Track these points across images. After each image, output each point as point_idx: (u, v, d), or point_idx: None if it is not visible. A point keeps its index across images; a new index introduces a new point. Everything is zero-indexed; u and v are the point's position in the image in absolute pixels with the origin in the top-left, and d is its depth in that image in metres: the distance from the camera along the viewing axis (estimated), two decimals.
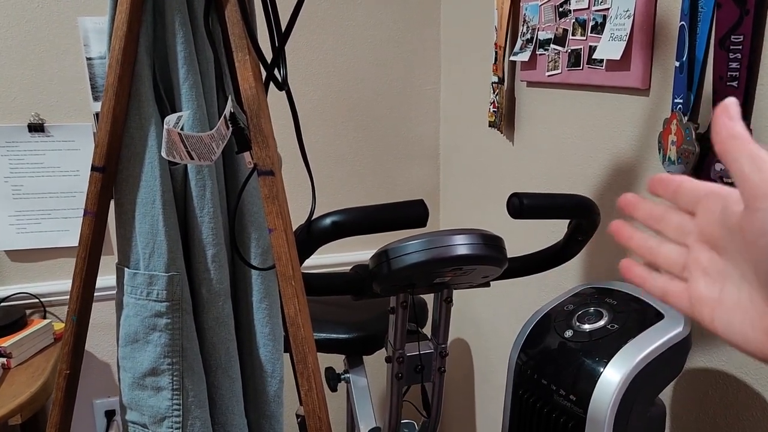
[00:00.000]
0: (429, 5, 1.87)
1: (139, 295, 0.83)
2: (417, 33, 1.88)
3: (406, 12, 1.85)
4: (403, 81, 1.89)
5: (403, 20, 1.85)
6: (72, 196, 1.70)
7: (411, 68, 1.89)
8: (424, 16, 1.87)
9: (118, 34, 0.76)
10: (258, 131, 0.72)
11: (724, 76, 0.86)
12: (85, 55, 1.65)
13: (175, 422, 0.85)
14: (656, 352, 0.76)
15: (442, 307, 1.12)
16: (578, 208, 0.95)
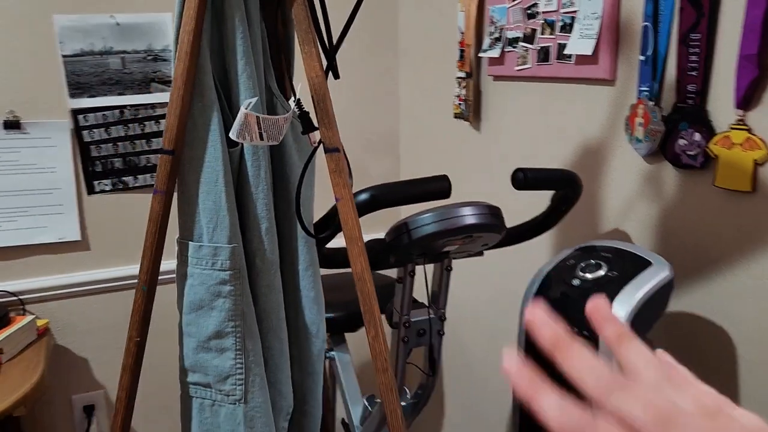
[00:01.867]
0: (386, 10, 2.00)
1: (204, 265, 0.91)
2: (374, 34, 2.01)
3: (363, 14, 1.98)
4: (361, 79, 2.02)
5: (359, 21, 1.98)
6: (48, 193, 1.71)
7: (368, 66, 2.02)
8: (380, 19, 2.01)
9: (186, 29, 0.85)
10: (324, 114, 0.83)
11: (686, 67, 1.05)
12: (60, 52, 1.66)
13: (238, 379, 0.94)
14: (650, 291, 0.94)
15: (443, 276, 1.26)
16: (567, 180, 1.11)
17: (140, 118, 1.76)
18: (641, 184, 1.18)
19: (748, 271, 1.00)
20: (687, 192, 1.09)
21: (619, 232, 1.24)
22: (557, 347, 0.34)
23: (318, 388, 1.06)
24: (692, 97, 1.05)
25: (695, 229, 1.08)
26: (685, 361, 1.11)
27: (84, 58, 1.68)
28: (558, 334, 0.34)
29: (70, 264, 1.77)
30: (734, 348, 1.03)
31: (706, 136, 1.03)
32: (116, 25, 1.70)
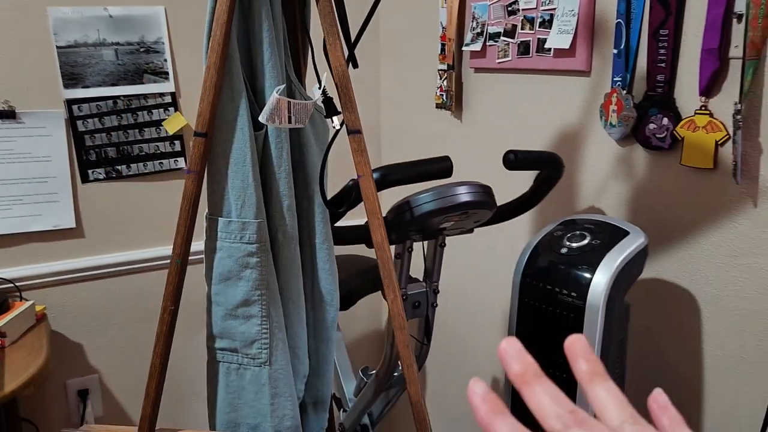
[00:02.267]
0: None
1: (233, 239, 1.00)
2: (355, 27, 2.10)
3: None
4: None
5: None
6: (43, 182, 1.75)
7: None
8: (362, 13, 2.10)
9: (219, 22, 0.93)
10: (347, 99, 0.93)
11: (655, 59, 1.18)
12: (55, 43, 1.70)
13: (263, 344, 1.03)
14: (629, 256, 1.07)
15: (437, 252, 1.37)
16: (552, 161, 1.24)
17: (133, 108, 1.81)
18: (615, 165, 1.31)
19: (710, 238, 1.14)
20: (656, 171, 1.23)
21: (596, 209, 1.37)
22: (524, 381, 0.34)
23: (331, 353, 1.16)
24: (661, 86, 1.18)
25: (664, 203, 1.22)
26: (656, 321, 1.26)
27: (78, 50, 1.73)
28: (527, 369, 0.34)
29: (64, 251, 1.81)
30: (698, 307, 1.17)
31: (674, 121, 1.17)
32: (109, 17, 1.75)
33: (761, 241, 1.06)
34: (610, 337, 1.06)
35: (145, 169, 1.86)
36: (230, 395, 1.05)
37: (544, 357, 1.13)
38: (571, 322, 1.06)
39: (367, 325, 2.40)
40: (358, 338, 2.39)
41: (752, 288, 1.08)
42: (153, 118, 1.84)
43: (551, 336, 1.10)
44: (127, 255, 1.88)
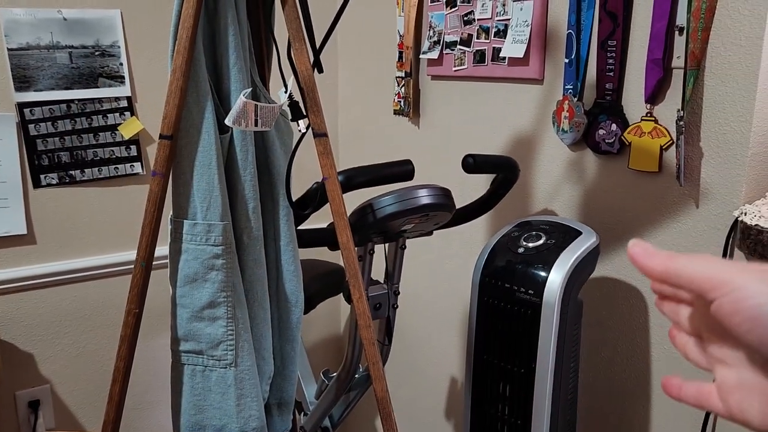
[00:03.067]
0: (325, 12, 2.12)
1: (199, 241, 1.00)
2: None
3: None
4: None
5: None
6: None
7: None
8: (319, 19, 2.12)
9: (185, 25, 0.94)
10: (313, 103, 0.95)
11: (604, 68, 1.25)
12: (6, 45, 1.66)
13: (229, 345, 1.03)
14: (582, 255, 1.12)
15: (397, 254, 1.40)
16: (509, 165, 1.28)
17: (87, 112, 1.78)
18: (567, 169, 1.37)
19: (656, 237, 1.21)
20: (606, 174, 1.29)
21: (549, 211, 1.43)
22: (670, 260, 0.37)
23: (295, 354, 1.17)
24: (610, 94, 1.25)
25: (613, 204, 1.28)
26: (607, 316, 1.32)
27: (30, 52, 1.69)
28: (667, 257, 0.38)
29: (15, 258, 1.76)
30: (646, 303, 1.24)
31: (621, 127, 1.23)
32: (63, 20, 1.72)
33: (703, 241, 1.13)
34: (565, 332, 1.11)
35: (99, 174, 1.83)
36: (195, 397, 1.05)
37: (502, 352, 1.17)
38: (529, 319, 1.11)
39: (326, 329, 2.41)
40: (317, 342, 2.40)
41: None
42: (108, 122, 1.81)
43: (510, 332, 1.14)
44: (81, 262, 1.85)
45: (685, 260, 0.37)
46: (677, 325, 0.41)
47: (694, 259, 0.37)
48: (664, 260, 0.38)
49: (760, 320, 0.32)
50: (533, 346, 1.11)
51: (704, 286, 0.35)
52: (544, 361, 1.10)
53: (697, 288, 0.36)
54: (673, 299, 0.41)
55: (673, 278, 0.37)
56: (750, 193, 1.07)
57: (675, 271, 0.37)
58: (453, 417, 1.88)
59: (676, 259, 0.37)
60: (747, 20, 1.02)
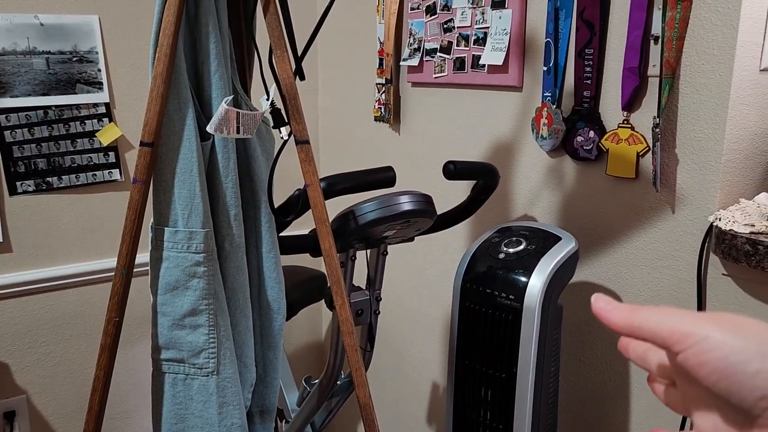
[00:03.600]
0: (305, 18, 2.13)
1: (180, 249, 1.00)
2: None
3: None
4: None
5: None
6: None
7: None
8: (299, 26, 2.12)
9: (166, 32, 0.93)
10: (295, 110, 0.95)
11: (582, 76, 1.27)
12: None
13: (211, 353, 1.03)
14: (561, 260, 1.13)
15: (379, 260, 1.40)
16: (489, 171, 1.30)
17: (65, 118, 1.76)
18: (546, 175, 1.39)
19: (633, 243, 1.23)
20: (584, 180, 1.31)
21: (529, 216, 1.44)
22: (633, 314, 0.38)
23: (278, 361, 1.16)
24: (587, 101, 1.27)
25: (591, 210, 1.30)
26: (586, 321, 1.33)
27: (6, 58, 1.67)
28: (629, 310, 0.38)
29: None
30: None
31: (599, 134, 1.25)
32: (40, 25, 1.70)
33: (679, 245, 1.15)
34: (546, 337, 1.12)
35: (77, 181, 1.81)
36: (176, 406, 1.05)
37: (484, 357, 1.18)
38: (510, 324, 1.12)
39: (307, 336, 2.40)
40: (298, 349, 2.39)
41: (671, 288, 1.17)
42: (86, 128, 1.80)
43: (491, 337, 1.15)
44: (58, 270, 1.82)
45: (647, 313, 0.37)
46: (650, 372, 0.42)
47: (655, 312, 0.37)
48: (626, 315, 0.38)
49: (726, 371, 0.33)
50: (514, 350, 1.12)
51: (668, 340, 0.35)
52: (525, 365, 1.11)
53: (661, 341, 0.36)
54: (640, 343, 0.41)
55: (637, 332, 0.38)
56: (724, 198, 1.09)
57: (638, 325, 0.37)
58: (435, 422, 1.89)
59: (638, 313, 0.38)
60: (720, 30, 1.04)
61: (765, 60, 1.07)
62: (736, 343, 0.33)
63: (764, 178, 1.13)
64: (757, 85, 1.07)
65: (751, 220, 1.00)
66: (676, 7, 1.07)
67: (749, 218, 1.02)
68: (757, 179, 1.12)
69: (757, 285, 1.04)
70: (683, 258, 1.15)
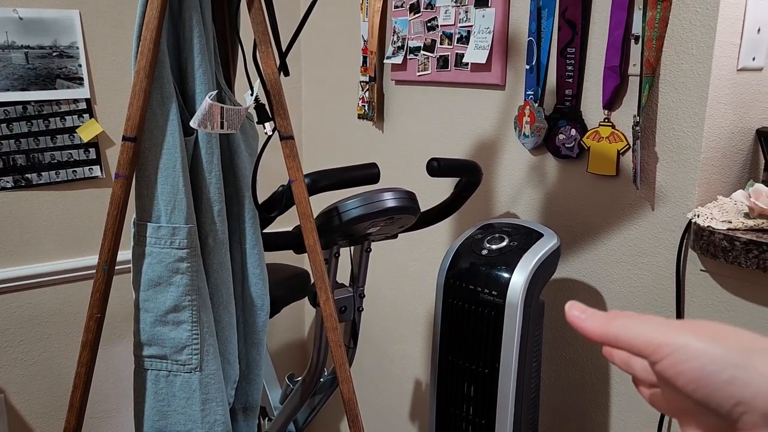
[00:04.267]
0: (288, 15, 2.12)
1: (163, 244, 0.99)
2: None
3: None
4: None
5: None
6: None
7: None
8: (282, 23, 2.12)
9: (149, 27, 0.93)
10: (279, 105, 0.95)
11: (564, 75, 1.28)
12: None
13: (194, 349, 1.02)
14: (543, 256, 1.15)
15: (362, 257, 1.40)
16: (472, 168, 1.31)
17: (44, 114, 1.74)
18: (529, 173, 1.40)
19: (614, 239, 1.24)
20: (566, 177, 1.32)
21: (512, 213, 1.46)
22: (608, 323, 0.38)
23: (261, 357, 1.16)
24: (569, 100, 1.28)
25: (573, 207, 1.32)
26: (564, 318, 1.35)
27: None
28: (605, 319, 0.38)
29: None
30: (605, 303, 1.27)
31: (581, 132, 1.26)
32: (19, 19, 1.68)
33: (658, 242, 1.17)
34: (528, 333, 1.13)
35: (57, 178, 1.79)
36: (159, 403, 1.04)
37: (466, 353, 1.19)
38: (492, 319, 1.13)
39: (290, 333, 2.40)
40: (281, 346, 2.38)
41: (651, 284, 1.19)
42: (66, 124, 1.78)
43: (474, 333, 1.16)
44: (37, 267, 1.80)
45: (622, 323, 0.37)
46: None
47: (631, 321, 0.37)
48: (601, 324, 0.38)
49: (703, 380, 0.33)
50: (497, 346, 1.13)
51: (644, 351, 0.35)
52: (507, 361, 1.12)
53: (638, 352, 0.36)
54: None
55: (612, 342, 0.37)
56: (702, 196, 1.11)
57: (613, 336, 0.37)
58: (418, 418, 1.90)
59: (613, 323, 0.37)
60: (698, 30, 1.06)
61: (742, 60, 1.09)
62: (712, 352, 0.33)
63: (741, 175, 1.15)
64: (735, 85, 1.09)
65: (729, 217, 1.02)
66: (656, 7, 1.09)
67: (726, 215, 1.04)
68: (734, 177, 1.14)
69: (733, 280, 1.06)
70: (662, 254, 1.16)
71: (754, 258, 0.95)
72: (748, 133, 1.14)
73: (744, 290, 1.05)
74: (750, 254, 0.95)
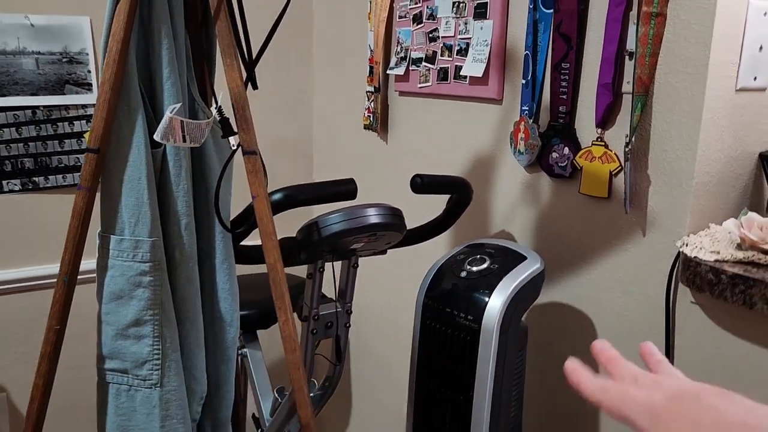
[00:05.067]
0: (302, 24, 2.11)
1: (125, 257, 0.98)
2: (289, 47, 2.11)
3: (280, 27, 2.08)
4: (277, 88, 2.11)
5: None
6: None
7: (285, 78, 2.12)
8: (296, 33, 2.11)
9: (115, 38, 0.92)
10: (243, 120, 0.93)
11: (558, 91, 1.22)
12: None
13: (155, 365, 1.01)
14: (524, 281, 1.09)
15: (349, 272, 1.37)
16: (459, 185, 1.26)
17: (53, 119, 1.77)
18: (523, 191, 1.35)
19: (604, 265, 1.18)
20: (559, 198, 1.26)
21: (505, 233, 1.40)
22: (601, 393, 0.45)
23: (231, 374, 1.14)
24: (563, 117, 1.22)
25: (565, 229, 1.26)
26: (554, 344, 1.29)
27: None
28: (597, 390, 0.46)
29: None
30: (596, 332, 1.21)
31: (574, 150, 1.21)
32: (31, 25, 1.71)
33: (649, 270, 1.10)
34: (505, 359, 1.08)
35: (64, 182, 1.81)
36: (120, 417, 1.03)
37: (442, 378, 1.14)
38: (467, 344, 1.08)
39: None
40: (279, 358, 2.37)
41: (641, 314, 1.12)
42: (74, 129, 1.80)
43: (449, 358, 1.12)
44: (44, 269, 1.83)
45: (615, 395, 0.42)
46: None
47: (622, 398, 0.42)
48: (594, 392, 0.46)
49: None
50: (471, 372, 1.08)
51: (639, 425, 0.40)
52: (481, 388, 1.07)
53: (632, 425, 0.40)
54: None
55: (606, 411, 0.43)
56: (696, 223, 1.04)
57: (606, 408, 0.43)
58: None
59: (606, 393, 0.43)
60: (693, 47, 1.00)
61: (742, 79, 1.02)
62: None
63: (741, 202, 1.08)
64: (733, 106, 1.02)
65: (719, 247, 0.95)
66: (650, 22, 1.02)
67: (717, 245, 0.97)
68: (733, 204, 1.07)
69: (723, 315, 0.99)
70: (653, 283, 1.10)
71: (740, 293, 0.88)
72: (749, 157, 1.07)
73: (734, 326, 0.98)
74: (736, 289, 0.88)
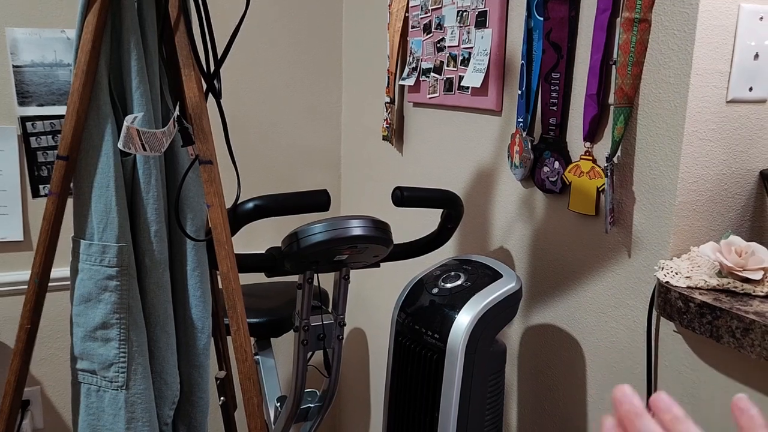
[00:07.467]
0: (331, 34, 2.13)
1: (93, 261, 1.01)
2: (321, 59, 2.13)
3: (312, 39, 2.10)
4: (308, 100, 2.14)
5: (308, 45, 2.10)
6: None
7: (315, 89, 2.14)
8: (327, 44, 2.13)
9: (84, 49, 0.96)
10: (200, 130, 0.94)
11: (548, 102, 1.17)
12: (11, 63, 1.77)
13: (121, 367, 1.03)
14: (495, 300, 1.04)
15: (341, 284, 1.36)
16: (446, 200, 1.22)
17: None
18: (519, 206, 1.30)
19: (590, 286, 1.11)
20: (550, 214, 1.20)
21: (495, 249, 1.35)
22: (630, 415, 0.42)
23: (204, 380, 1.15)
24: (553, 129, 1.17)
25: (551, 248, 1.19)
26: (546, 369, 1.22)
27: (34, 69, 1.79)
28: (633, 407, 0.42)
29: (11, 263, 1.86)
30: (583, 352, 1.14)
31: (564, 165, 1.15)
32: (67, 39, 1.81)
33: (634, 294, 1.03)
34: (472, 381, 1.03)
35: None
36: (90, 416, 1.06)
37: (411, 398, 1.11)
38: (434, 364, 1.04)
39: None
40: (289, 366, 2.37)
41: (626, 340, 1.05)
42: None
43: (418, 377, 1.08)
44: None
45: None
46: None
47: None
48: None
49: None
50: (437, 393, 1.04)
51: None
52: (446, 410, 1.03)
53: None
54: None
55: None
56: (679, 245, 0.96)
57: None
58: None
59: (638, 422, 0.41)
60: (676, 55, 0.93)
61: (733, 90, 0.93)
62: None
63: (740, 223, 0.99)
64: (724, 119, 0.94)
65: (694, 273, 0.88)
66: (632, 29, 0.96)
67: (697, 270, 0.89)
68: (727, 225, 0.98)
69: (702, 346, 0.91)
70: (636, 308, 1.02)
71: (707, 324, 0.80)
72: (747, 174, 0.98)
73: (711, 358, 0.89)
74: (703, 319, 0.81)
